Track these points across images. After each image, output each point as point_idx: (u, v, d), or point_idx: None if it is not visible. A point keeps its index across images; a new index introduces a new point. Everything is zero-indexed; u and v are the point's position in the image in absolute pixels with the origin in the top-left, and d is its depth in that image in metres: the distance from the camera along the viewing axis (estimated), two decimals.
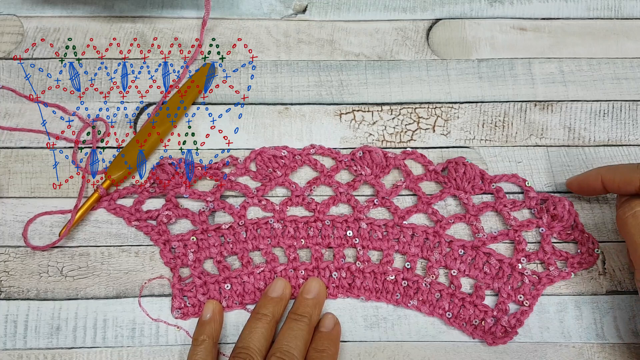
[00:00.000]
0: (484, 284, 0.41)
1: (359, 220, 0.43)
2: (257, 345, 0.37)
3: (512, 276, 0.42)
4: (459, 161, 0.44)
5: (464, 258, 0.42)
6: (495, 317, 0.41)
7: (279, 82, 0.48)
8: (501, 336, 0.40)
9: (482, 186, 0.44)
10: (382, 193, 0.44)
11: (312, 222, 0.43)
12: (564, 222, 0.42)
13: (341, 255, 0.42)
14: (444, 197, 0.44)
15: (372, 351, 0.41)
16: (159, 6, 0.50)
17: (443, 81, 0.48)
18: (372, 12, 0.51)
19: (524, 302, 0.41)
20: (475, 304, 0.41)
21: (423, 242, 0.43)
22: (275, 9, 0.51)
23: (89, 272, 0.42)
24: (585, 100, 0.48)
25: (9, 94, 0.47)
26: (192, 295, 0.41)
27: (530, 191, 0.44)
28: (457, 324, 0.41)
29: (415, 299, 0.41)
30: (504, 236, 0.43)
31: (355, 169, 0.45)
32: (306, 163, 0.45)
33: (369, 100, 0.48)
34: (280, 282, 0.41)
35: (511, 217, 0.43)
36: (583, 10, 0.51)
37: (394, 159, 0.45)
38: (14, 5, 0.50)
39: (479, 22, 0.50)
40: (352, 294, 0.42)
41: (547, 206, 0.43)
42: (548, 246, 0.42)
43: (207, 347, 0.38)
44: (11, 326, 0.41)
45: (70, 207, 0.43)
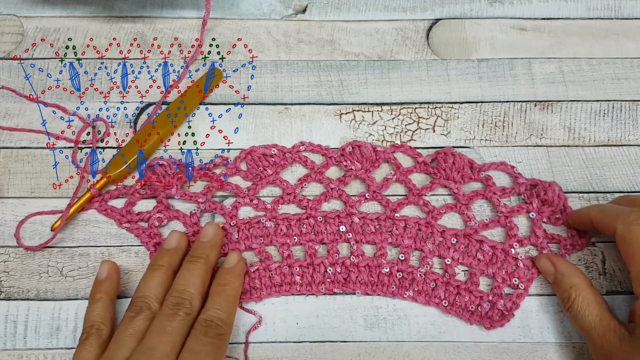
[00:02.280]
0: (478, 270, 0.42)
1: (351, 215, 0.43)
2: (154, 293, 0.38)
3: (506, 261, 0.42)
4: (448, 151, 0.44)
5: (457, 247, 0.43)
6: (491, 302, 0.41)
7: (279, 82, 0.48)
8: (498, 320, 0.41)
9: (471, 175, 0.44)
10: (373, 187, 0.44)
11: (305, 219, 0.43)
12: (554, 207, 0.43)
13: (335, 251, 0.42)
14: (434, 188, 0.44)
15: (372, 351, 0.41)
16: (159, 6, 0.50)
17: (443, 81, 0.48)
18: (372, 12, 0.51)
19: (519, 285, 0.41)
20: (471, 290, 0.41)
21: (416, 233, 0.43)
22: (275, 9, 0.51)
23: (89, 272, 0.42)
24: (585, 100, 0.48)
25: (9, 94, 0.47)
26: None
27: (520, 177, 0.44)
28: (454, 312, 0.41)
29: (411, 289, 0.42)
30: (495, 223, 0.43)
31: (346, 165, 0.45)
32: (296, 160, 0.45)
33: (369, 100, 0.48)
34: (174, 235, 0.41)
35: (501, 204, 0.43)
36: (583, 10, 0.51)
37: (383, 153, 0.45)
38: (14, 5, 0.50)
39: (479, 22, 0.50)
40: (347, 288, 0.42)
41: (537, 191, 0.43)
42: (540, 230, 0.43)
43: (105, 303, 0.39)
44: (11, 326, 0.41)
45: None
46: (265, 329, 0.41)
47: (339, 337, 0.41)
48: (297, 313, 0.42)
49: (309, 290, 0.42)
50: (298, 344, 0.41)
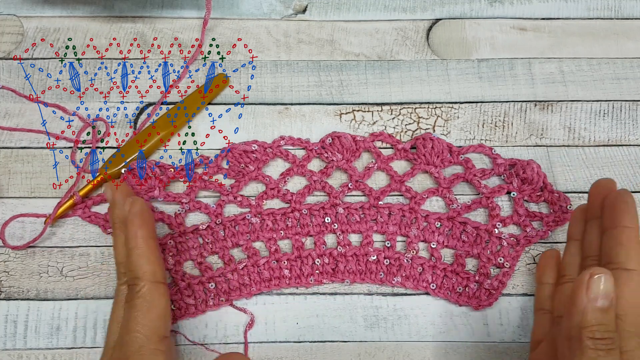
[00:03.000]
0: (464, 252, 0.42)
1: (336, 206, 0.43)
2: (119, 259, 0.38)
3: (490, 241, 0.43)
4: (426, 137, 0.45)
5: (441, 230, 0.43)
6: (478, 282, 0.42)
7: (279, 82, 0.48)
8: (486, 299, 0.41)
9: (451, 159, 0.45)
10: (355, 177, 0.44)
11: (290, 212, 0.43)
12: (533, 185, 0.43)
13: (322, 242, 0.43)
14: (415, 174, 0.44)
15: (372, 351, 0.41)
16: (159, 6, 0.50)
17: (443, 81, 0.48)
18: (372, 12, 0.51)
19: (505, 264, 0.42)
20: (457, 272, 0.42)
21: (400, 219, 0.43)
22: (275, 9, 0.51)
23: (89, 272, 0.42)
24: (585, 100, 0.48)
25: (9, 94, 0.47)
26: (178, 299, 0.41)
27: (498, 158, 0.44)
28: (443, 294, 0.42)
29: (399, 275, 0.42)
30: (477, 204, 0.44)
31: (327, 156, 0.45)
32: (277, 155, 0.45)
33: (369, 100, 0.48)
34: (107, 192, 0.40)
35: (482, 186, 0.44)
36: (583, 10, 0.51)
37: (363, 142, 0.45)
38: (14, 5, 0.50)
39: (479, 22, 0.50)
40: (336, 278, 0.42)
41: (516, 170, 0.44)
42: (521, 209, 0.43)
43: (118, 238, 0.38)
44: (11, 326, 0.41)
45: None
46: (265, 329, 0.41)
47: (339, 337, 0.41)
48: (297, 313, 0.42)
49: (299, 283, 0.42)
50: (298, 344, 0.41)
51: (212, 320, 0.42)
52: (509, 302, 0.42)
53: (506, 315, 0.42)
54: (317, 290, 0.42)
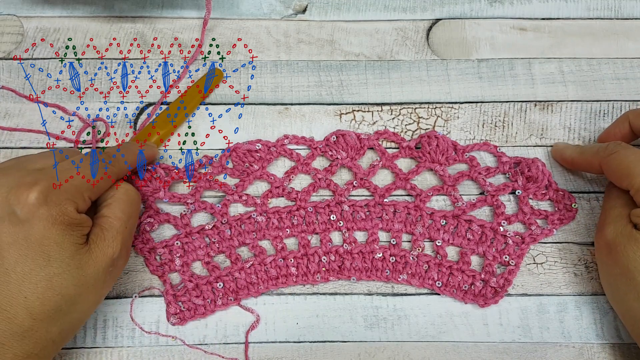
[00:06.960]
0: (469, 250, 0.42)
1: (341, 204, 0.44)
2: None
3: (496, 239, 0.43)
4: (431, 134, 0.45)
5: (446, 228, 0.43)
6: (484, 280, 0.42)
7: (279, 82, 0.48)
8: (491, 297, 0.41)
9: (455, 157, 0.45)
10: (360, 174, 0.44)
11: (295, 210, 0.43)
12: (538, 183, 0.43)
13: (328, 240, 0.43)
14: (420, 172, 0.44)
15: (372, 351, 0.41)
16: (159, 6, 0.50)
17: (443, 81, 0.48)
18: (372, 12, 0.51)
19: (510, 262, 0.42)
20: (463, 270, 0.42)
21: (405, 217, 0.43)
22: (275, 9, 0.51)
23: None
24: (585, 100, 0.48)
25: (9, 94, 0.47)
26: (186, 300, 0.41)
27: (503, 156, 0.44)
28: (448, 292, 0.42)
29: (405, 273, 0.42)
30: (482, 202, 0.44)
31: (331, 154, 0.45)
32: (282, 154, 0.45)
33: (369, 100, 0.48)
34: None
35: (487, 184, 0.44)
36: (583, 10, 0.51)
37: (367, 140, 0.45)
38: (14, 5, 0.50)
39: (479, 22, 0.50)
40: (342, 275, 0.42)
41: (521, 169, 0.44)
42: (526, 207, 0.43)
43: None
44: None
45: None
46: (265, 329, 0.41)
47: (339, 337, 0.41)
48: (297, 313, 0.42)
49: (306, 281, 0.42)
50: (298, 344, 0.41)
51: (212, 320, 0.42)
52: (509, 302, 0.42)
53: (506, 315, 0.42)
54: (317, 290, 0.42)
